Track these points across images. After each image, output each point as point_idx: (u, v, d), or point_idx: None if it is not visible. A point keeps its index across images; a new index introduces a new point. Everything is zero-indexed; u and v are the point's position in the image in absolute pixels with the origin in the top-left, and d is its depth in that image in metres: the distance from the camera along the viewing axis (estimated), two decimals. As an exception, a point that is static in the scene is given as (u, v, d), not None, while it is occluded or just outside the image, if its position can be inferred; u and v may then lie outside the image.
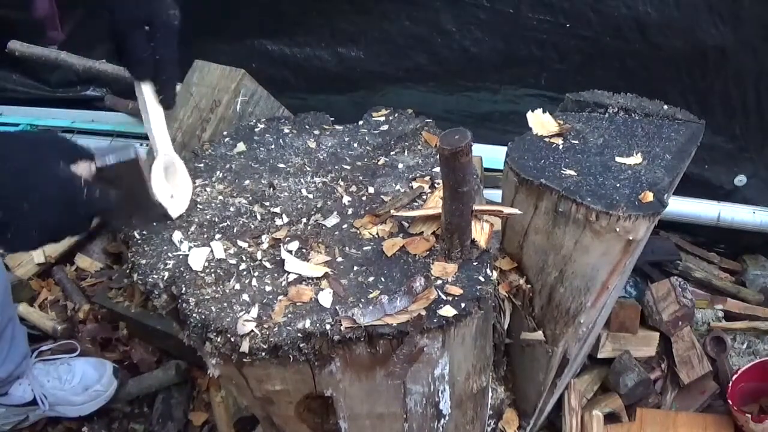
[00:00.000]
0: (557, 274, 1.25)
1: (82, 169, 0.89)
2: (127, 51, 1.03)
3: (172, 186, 1.08)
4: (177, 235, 1.04)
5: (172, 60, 1.05)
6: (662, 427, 1.72)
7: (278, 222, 1.07)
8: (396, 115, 1.37)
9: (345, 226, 1.06)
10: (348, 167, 1.21)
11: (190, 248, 1.02)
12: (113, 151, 0.93)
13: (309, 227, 1.06)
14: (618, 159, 1.23)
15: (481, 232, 0.97)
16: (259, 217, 1.08)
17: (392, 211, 1.06)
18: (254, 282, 0.96)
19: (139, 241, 1.04)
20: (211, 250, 1.01)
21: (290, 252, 1.00)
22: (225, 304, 0.92)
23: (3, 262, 1.70)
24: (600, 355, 1.80)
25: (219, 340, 0.89)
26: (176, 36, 1.03)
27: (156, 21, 1.01)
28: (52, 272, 2.15)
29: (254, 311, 0.91)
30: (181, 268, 0.98)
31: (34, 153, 0.87)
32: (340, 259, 0.99)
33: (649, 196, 1.11)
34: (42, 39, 1.05)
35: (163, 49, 1.03)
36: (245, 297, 0.93)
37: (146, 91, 1.07)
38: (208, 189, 1.16)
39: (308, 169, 1.21)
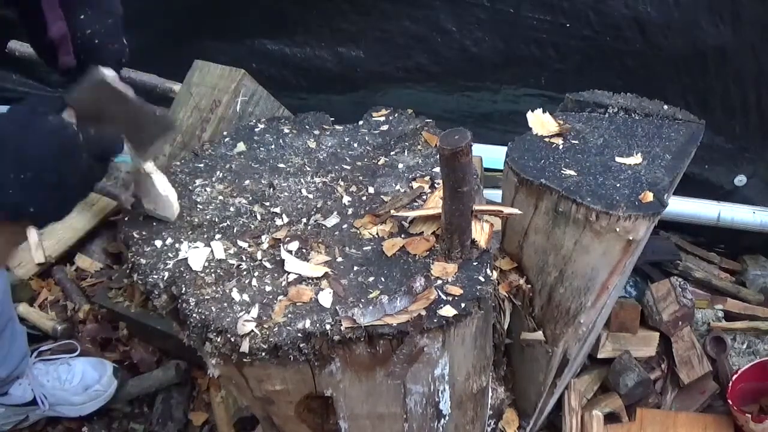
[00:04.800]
0: (557, 274, 1.25)
1: (67, 116, 0.87)
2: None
3: (150, 201, 1.06)
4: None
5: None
6: (662, 427, 1.72)
7: (278, 222, 1.07)
8: (396, 115, 1.37)
9: (345, 226, 1.06)
10: (348, 167, 1.21)
11: (189, 248, 1.01)
12: (78, 86, 0.89)
13: (309, 227, 1.06)
14: (618, 159, 1.23)
15: (481, 232, 0.97)
16: (259, 217, 1.08)
17: (392, 211, 1.06)
18: (254, 282, 0.96)
19: (139, 241, 1.04)
20: (211, 250, 1.01)
21: (290, 252, 1.00)
22: (225, 304, 0.92)
23: (3, 262, 1.70)
24: (600, 355, 1.80)
25: (219, 340, 0.89)
26: (100, 53, 0.97)
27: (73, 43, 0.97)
28: (52, 272, 2.15)
29: (254, 311, 0.91)
30: (181, 268, 0.98)
31: (19, 121, 0.85)
32: (340, 259, 0.99)
33: (649, 196, 1.11)
34: (54, 64, 1.04)
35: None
36: (245, 297, 0.93)
37: None
38: (208, 189, 1.16)
39: (308, 169, 1.21)
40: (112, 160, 0.95)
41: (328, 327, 0.88)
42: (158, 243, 1.03)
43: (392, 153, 1.25)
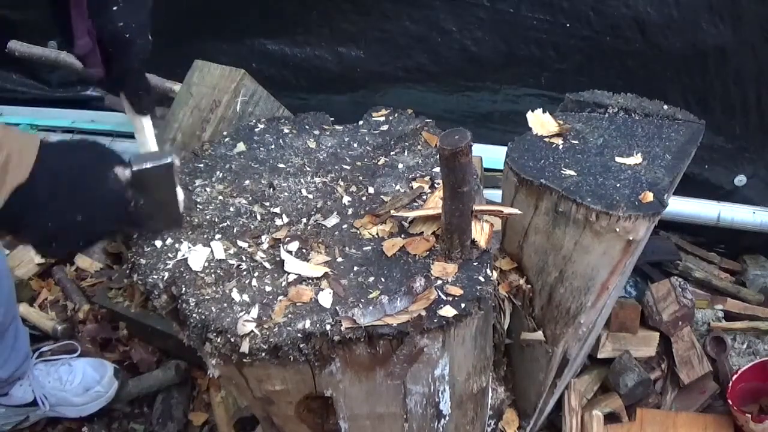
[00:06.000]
0: (557, 274, 1.25)
1: (122, 175, 0.90)
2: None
3: None
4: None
5: (132, 70, 1.01)
6: (662, 427, 1.72)
7: (278, 222, 1.07)
8: (396, 115, 1.37)
9: (345, 226, 1.06)
10: (348, 167, 1.21)
11: (189, 249, 1.02)
12: (150, 157, 0.93)
13: (309, 227, 1.06)
14: (618, 159, 1.23)
15: (481, 232, 0.97)
16: (259, 217, 1.08)
17: (392, 211, 1.06)
18: (254, 282, 0.96)
19: (139, 241, 1.04)
20: (211, 251, 1.01)
21: (290, 252, 1.00)
22: (225, 305, 0.92)
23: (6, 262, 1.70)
24: (600, 355, 1.79)
25: (219, 340, 0.89)
26: (129, 47, 0.97)
27: (102, 36, 0.95)
28: (52, 272, 2.15)
29: (254, 311, 0.91)
30: (181, 269, 0.98)
31: (85, 166, 0.88)
32: (340, 259, 0.99)
33: (649, 196, 1.11)
34: (83, 75, 1.04)
35: (119, 62, 0.99)
36: (245, 297, 0.93)
37: (125, 102, 1.05)
38: (208, 189, 1.16)
39: (308, 169, 1.21)
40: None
41: (328, 327, 0.88)
42: (158, 243, 1.03)
43: (392, 153, 1.25)
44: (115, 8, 0.94)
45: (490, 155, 1.95)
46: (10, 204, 0.80)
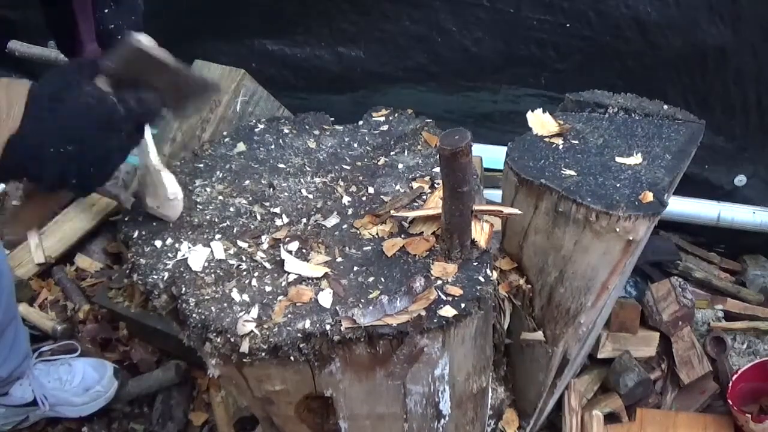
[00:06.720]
0: (557, 274, 1.25)
1: (102, 84, 0.85)
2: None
3: (155, 199, 1.06)
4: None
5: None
6: (662, 427, 1.72)
7: (278, 222, 1.07)
8: (396, 115, 1.37)
9: (345, 226, 1.06)
10: (348, 167, 1.21)
11: (189, 249, 1.01)
12: (112, 52, 0.87)
13: (309, 227, 1.06)
14: (618, 159, 1.23)
15: (481, 232, 0.97)
16: (259, 218, 1.08)
17: (392, 211, 1.06)
18: (254, 282, 0.96)
19: (139, 241, 1.04)
20: (211, 251, 1.01)
21: (290, 252, 1.00)
22: (225, 305, 0.92)
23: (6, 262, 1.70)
24: (600, 355, 1.80)
25: (219, 340, 0.89)
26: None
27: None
28: (52, 272, 2.15)
29: (254, 311, 0.91)
30: (181, 269, 0.98)
31: (55, 93, 0.83)
32: (340, 260, 0.99)
33: (649, 196, 1.11)
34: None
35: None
36: (245, 297, 0.93)
37: None
38: (208, 189, 1.16)
39: (308, 169, 1.21)
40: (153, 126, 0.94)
41: (328, 327, 0.88)
42: (158, 243, 1.03)
43: (392, 153, 1.25)
44: (106, 10, 0.95)
45: (490, 155, 1.95)
46: (8, 154, 0.78)
